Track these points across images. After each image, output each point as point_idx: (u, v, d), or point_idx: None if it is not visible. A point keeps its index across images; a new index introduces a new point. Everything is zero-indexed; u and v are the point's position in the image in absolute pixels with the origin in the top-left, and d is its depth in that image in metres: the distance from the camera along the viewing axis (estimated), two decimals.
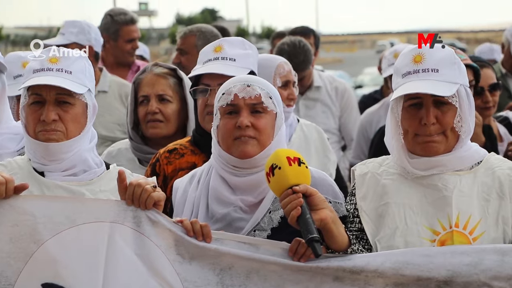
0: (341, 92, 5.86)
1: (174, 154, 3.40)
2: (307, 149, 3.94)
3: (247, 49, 3.44)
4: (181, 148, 3.41)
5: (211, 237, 2.67)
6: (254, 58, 3.47)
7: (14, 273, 2.59)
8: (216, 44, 3.43)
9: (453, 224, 2.71)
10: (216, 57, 3.38)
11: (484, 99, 4.28)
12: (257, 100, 2.87)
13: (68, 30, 5.18)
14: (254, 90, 2.87)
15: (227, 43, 3.42)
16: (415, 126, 2.75)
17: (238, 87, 2.87)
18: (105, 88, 5.22)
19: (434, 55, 2.74)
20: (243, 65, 3.37)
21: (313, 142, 3.97)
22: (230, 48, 3.39)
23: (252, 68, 3.42)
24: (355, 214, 2.83)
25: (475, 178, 2.76)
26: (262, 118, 2.87)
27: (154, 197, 2.65)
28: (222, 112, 2.90)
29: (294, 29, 6.46)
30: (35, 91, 2.82)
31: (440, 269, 2.60)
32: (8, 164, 2.87)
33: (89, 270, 2.59)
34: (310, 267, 2.65)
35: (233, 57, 3.37)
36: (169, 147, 3.44)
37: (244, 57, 3.40)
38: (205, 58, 3.41)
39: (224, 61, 3.36)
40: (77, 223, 2.62)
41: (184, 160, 3.38)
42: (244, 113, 2.86)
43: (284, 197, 2.62)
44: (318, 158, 3.95)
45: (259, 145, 2.87)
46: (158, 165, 3.39)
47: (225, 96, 2.88)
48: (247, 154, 2.86)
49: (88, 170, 2.87)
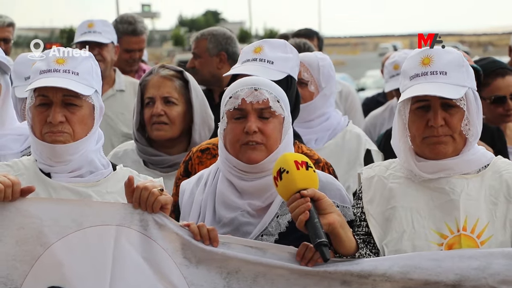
0: (345, 95, 5.86)
1: (206, 154, 3.36)
2: (339, 157, 3.88)
3: (288, 53, 3.41)
4: (213, 148, 3.37)
5: (218, 241, 2.66)
6: (294, 62, 3.42)
7: (20, 276, 2.58)
8: (257, 44, 3.43)
9: (460, 227, 2.70)
10: (254, 58, 3.36)
11: (506, 107, 4.27)
12: (264, 105, 2.85)
13: (104, 29, 5.19)
14: (262, 94, 2.85)
15: (268, 44, 3.41)
16: (423, 129, 2.74)
17: (245, 91, 2.85)
18: (122, 87, 5.24)
19: (442, 57, 2.73)
20: (280, 69, 3.34)
21: (348, 151, 3.91)
22: (270, 50, 3.37)
23: (290, 73, 3.38)
24: (362, 218, 2.83)
25: (483, 182, 2.75)
26: (270, 123, 2.85)
27: (161, 201, 2.64)
28: (229, 116, 2.88)
29: (298, 31, 6.46)
30: (42, 92, 2.81)
31: (448, 273, 2.59)
32: (14, 165, 2.86)
33: (96, 274, 2.58)
34: (318, 271, 2.64)
35: (271, 60, 3.35)
36: (202, 146, 3.40)
37: (283, 61, 3.37)
38: (244, 57, 3.40)
39: (262, 63, 3.34)
40: (84, 226, 2.61)
41: (215, 160, 3.37)
42: (252, 118, 2.84)
43: (292, 201, 2.61)
44: (345, 169, 3.88)
45: (266, 151, 2.85)
46: (191, 163, 3.36)
47: (232, 100, 2.87)
48: (254, 160, 2.84)
49: (94, 171, 2.86)
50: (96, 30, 5.20)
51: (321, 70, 3.99)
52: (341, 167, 3.87)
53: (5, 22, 5.82)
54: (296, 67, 3.46)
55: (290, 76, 3.37)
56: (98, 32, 5.19)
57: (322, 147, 3.87)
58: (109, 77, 5.21)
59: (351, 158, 3.92)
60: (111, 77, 5.25)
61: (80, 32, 5.23)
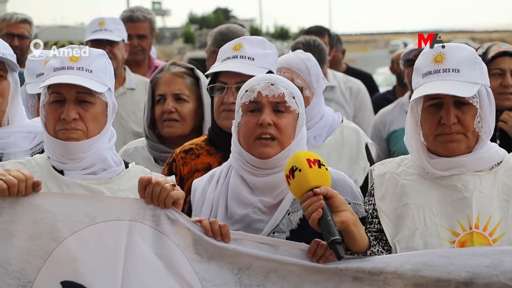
0: (355, 92, 5.83)
1: (190, 154, 3.39)
2: (340, 153, 3.88)
3: (266, 49, 3.43)
4: (196, 148, 3.40)
5: (229, 237, 2.67)
6: (273, 58, 3.45)
7: (34, 270, 2.59)
8: (236, 42, 3.42)
9: (473, 225, 2.69)
10: (235, 56, 3.37)
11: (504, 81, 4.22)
12: (280, 99, 2.86)
13: (115, 27, 5.20)
14: (277, 89, 2.86)
15: (247, 42, 3.41)
16: (435, 126, 2.73)
17: (262, 85, 2.87)
18: (133, 85, 5.25)
19: (455, 54, 2.73)
20: (261, 65, 3.36)
21: (348, 146, 3.90)
22: (250, 47, 3.38)
23: (271, 68, 3.40)
24: (374, 215, 2.82)
25: (495, 179, 2.74)
26: (284, 118, 2.86)
27: (173, 196, 2.65)
28: (244, 109, 2.89)
29: (309, 28, 6.44)
30: (56, 89, 2.82)
31: (460, 271, 2.59)
32: (27, 163, 2.87)
33: (108, 268, 2.59)
34: (329, 268, 2.64)
35: (252, 56, 3.36)
36: (185, 147, 3.43)
37: (263, 57, 3.38)
38: (224, 56, 3.40)
39: (243, 60, 3.35)
40: (96, 221, 2.62)
41: (199, 161, 3.38)
42: (267, 111, 2.85)
43: (305, 199, 2.61)
44: (348, 164, 3.88)
45: (279, 146, 2.86)
46: (175, 165, 3.39)
47: (248, 93, 2.88)
48: (266, 155, 2.85)
49: (107, 168, 2.87)
50: (107, 28, 5.22)
51: (311, 71, 3.93)
52: (344, 162, 3.87)
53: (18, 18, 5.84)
54: (275, 63, 3.48)
55: (271, 72, 3.38)
56: (109, 30, 5.21)
57: (322, 144, 3.86)
58: (120, 75, 5.22)
59: (352, 153, 3.91)
60: (122, 75, 5.27)
61: (91, 30, 5.24)
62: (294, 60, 3.91)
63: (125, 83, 5.25)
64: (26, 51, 5.82)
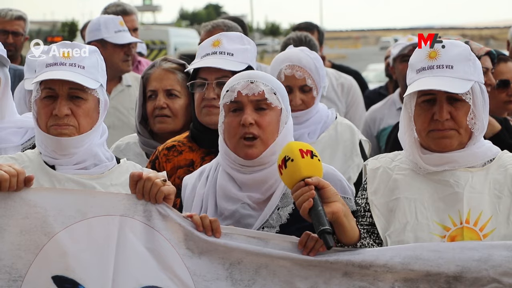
0: (347, 88, 5.83)
1: (172, 151, 3.39)
2: (334, 149, 3.88)
3: (245, 44, 3.42)
4: (179, 145, 3.40)
5: (220, 232, 2.67)
6: (252, 53, 3.45)
7: (25, 265, 2.59)
8: (215, 38, 3.42)
9: (463, 220, 2.71)
10: (214, 52, 3.36)
11: (509, 92, 4.27)
12: (260, 97, 2.87)
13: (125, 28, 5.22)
14: (257, 86, 2.87)
15: (226, 37, 3.41)
16: (428, 122, 2.74)
17: (241, 84, 2.87)
18: (129, 82, 5.25)
19: (449, 51, 2.73)
20: (240, 60, 3.36)
21: (342, 142, 3.91)
22: (229, 43, 3.37)
23: (250, 63, 3.40)
24: (367, 209, 2.83)
25: (487, 175, 2.75)
26: (266, 115, 2.87)
27: (164, 191, 2.66)
28: (226, 110, 2.90)
29: (298, 24, 6.44)
30: (48, 85, 2.82)
31: (450, 265, 2.60)
32: (18, 157, 2.87)
33: (100, 263, 2.59)
34: (319, 261, 2.65)
35: (231, 52, 3.35)
36: (167, 144, 3.43)
37: (242, 52, 3.38)
38: (203, 52, 3.40)
39: (222, 56, 3.35)
40: (88, 216, 2.63)
41: (182, 157, 3.38)
42: (248, 110, 2.86)
43: (296, 189, 2.62)
44: (342, 160, 3.88)
45: (262, 144, 2.87)
46: (158, 162, 3.39)
47: (229, 93, 2.89)
48: (251, 156, 2.87)
49: (99, 164, 2.87)
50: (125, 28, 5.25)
51: (320, 72, 3.94)
52: (338, 158, 3.87)
53: (13, 15, 5.82)
54: (255, 58, 3.48)
55: (250, 66, 3.38)
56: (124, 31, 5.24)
57: (316, 140, 3.87)
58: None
59: (347, 149, 3.91)
60: None
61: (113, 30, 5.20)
62: (306, 59, 3.91)
63: (122, 80, 5.25)
64: (20, 48, 5.80)
